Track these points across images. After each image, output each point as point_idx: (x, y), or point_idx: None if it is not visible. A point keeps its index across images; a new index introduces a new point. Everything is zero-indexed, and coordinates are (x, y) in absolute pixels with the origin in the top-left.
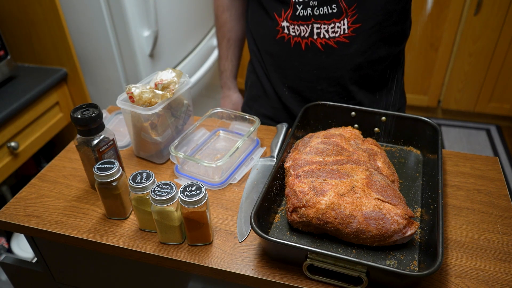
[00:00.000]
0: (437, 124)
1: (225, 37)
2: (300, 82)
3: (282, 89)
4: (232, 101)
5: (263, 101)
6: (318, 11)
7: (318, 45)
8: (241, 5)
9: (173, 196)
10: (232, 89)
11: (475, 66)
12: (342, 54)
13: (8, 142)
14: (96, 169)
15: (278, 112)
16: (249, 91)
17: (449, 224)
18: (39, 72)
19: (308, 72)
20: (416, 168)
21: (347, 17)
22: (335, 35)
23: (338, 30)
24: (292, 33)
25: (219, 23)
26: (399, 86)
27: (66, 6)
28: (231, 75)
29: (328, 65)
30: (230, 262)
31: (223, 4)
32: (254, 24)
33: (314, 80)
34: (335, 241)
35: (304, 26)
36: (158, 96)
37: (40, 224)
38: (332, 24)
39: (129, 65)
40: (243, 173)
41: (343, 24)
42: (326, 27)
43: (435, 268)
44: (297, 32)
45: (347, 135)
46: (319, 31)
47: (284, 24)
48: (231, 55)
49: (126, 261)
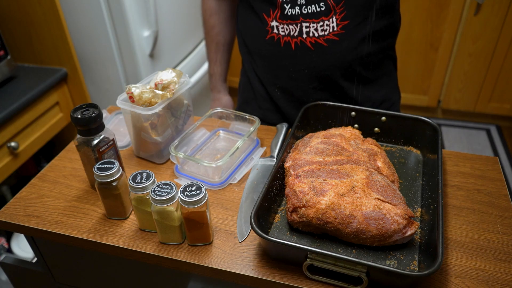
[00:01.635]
0: (437, 124)
1: (213, 41)
2: (291, 82)
3: (274, 90)
4: (222, 104)
5: (255, 103)
6: (306, 10)
7: (308, 44)
8: (228, 9)
9: (173, 196)
10: (222, 92)
11: (475, 66)
12: (332, 52)
13: (8, 142)
14: (96, 169)
15: (270, 114)
16: (241, 94)
17: (449, 224)
18: (39, 72)
19: (299, 71)
20: (416, 168)
21: (335, 15)
22: (324, 33)
23: (327, 28)
24: (282, 33)
25: (207, 27)
26: (392, 81)
27: (66, 6)
28: (221, 78)
29: (318, 64)
30: (230, 262)
31: (211, 8)
32: (243, 26)
33: (305, 79)
34: (335, 241)
35: (293, 25)
36: (158, 96)
37: (40, 224)
38: (321, 22)
39: (129, 65)
40: (243, 173)
41: (332, 22)
42: (315, 25)
43: (435, 268)
44: (286, 31)
45: (347, 135)
46: (308, 29)
47: (273, 24)
48: (220, 58)
49: (126, 261)
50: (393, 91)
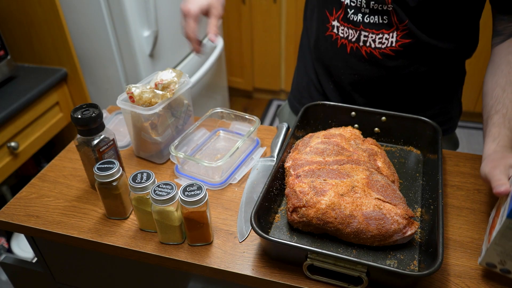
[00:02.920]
0: (437, 124)
1: None
2: (343, 81)
3: (327, 83)
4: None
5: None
6: (368, 19)
7: (363, 52)
8: None
9: (173, 196)
10: None
11: (475, 66)
12: (385, 66)
13: (8, 142)
14: (96, 169)
15: None
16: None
17: (449, 224)
18: (39, 72)
19: (350, 75)
20: (416, 168)
21: (397, 31)
22: (381, 46)
23: (386, 42)
24: (341, 34)
25: None
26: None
27: (66, 6)
28: None
29: (371, 73)
30: (230, 262)
31: None
32: (309, 18)
33: (354, 83)
34: (335, 241)
35: (353, 30)
36: (158, 96)
37: (40, 224)
38: (381, 34)
39: (129, 65)
40: (243, 173)
41: (392, 37)
42: (374, 36)
43: (435, 268)
44: (345, 34)
45: (347, 135)
46: (366, 39)
47: (334, 23)
48: None
49: (126, 261)
50: (452, 106)
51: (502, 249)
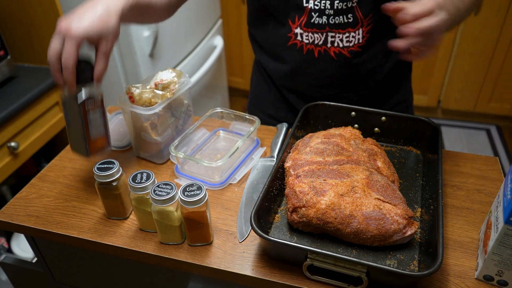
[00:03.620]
0: (437, 124)
1: None
2: (311, 88)
3: (289, 94)
4: None
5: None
6: (333, 20)
7: (331, 54)
8: None
9: (173, 196)
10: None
11: (475, 66)
12: (353, 63)
13: (8, 142)
14: (96, 169)
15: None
16: (253, 90)
17: (449, 224)
18: (39, 72)
19: (321, 78)
20: (416, 168)
21: (362, 27)
22: (349, 45)
23: (353, 40)
24: (306, 41)
25: None
26: (407, 83)
27: (66, 6)
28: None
29: (341, 73)
30: (230, 262)
31: None
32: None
33: (326, 86)
34: (335, 241)
35: (319, 34)
36: (158, 96)
37: (40, 224)
38: (347, 33)
39: (129, 65)
40: (243, 173)
41: (358, 34)
42: (341, 36)
43: (435, 268)
44: (310, 39)
45: (347, 135)
46: (334, 39)
47: (297, 31)
48: None
49: (126, 261)
50: (407, 93)
51: (499, 258)
